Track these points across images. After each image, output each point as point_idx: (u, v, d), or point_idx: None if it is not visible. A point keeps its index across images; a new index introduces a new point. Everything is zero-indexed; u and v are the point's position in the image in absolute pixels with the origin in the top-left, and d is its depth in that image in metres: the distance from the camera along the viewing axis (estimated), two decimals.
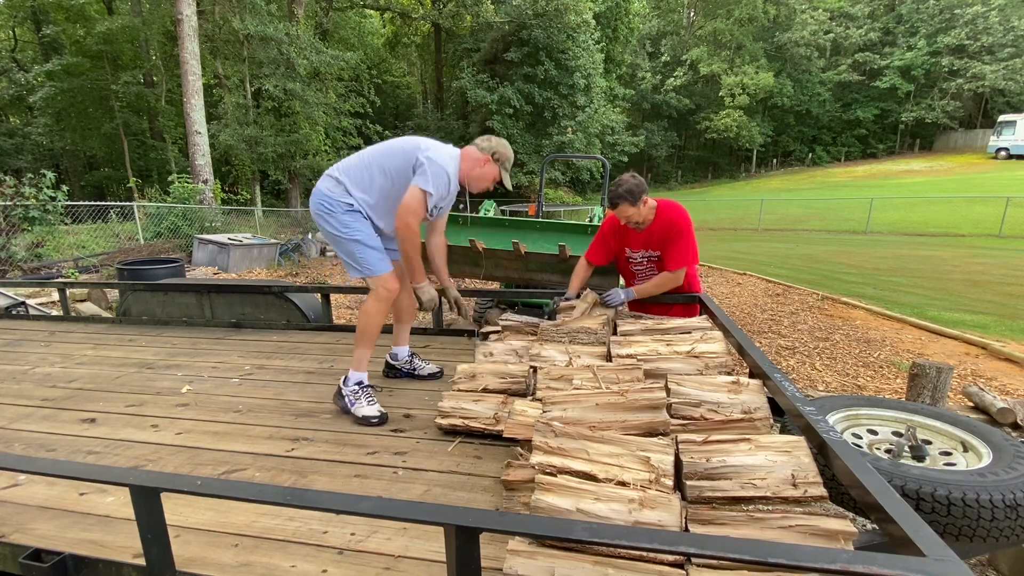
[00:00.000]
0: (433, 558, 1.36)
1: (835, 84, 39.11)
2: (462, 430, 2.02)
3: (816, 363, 5.22)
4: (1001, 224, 14.11)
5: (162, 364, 3.00)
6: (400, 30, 32.69)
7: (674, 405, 1.65)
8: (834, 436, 1.36)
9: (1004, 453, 1.79)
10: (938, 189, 22.71)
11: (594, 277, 4.08)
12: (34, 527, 1.53)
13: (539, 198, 6.45)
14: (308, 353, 3.12)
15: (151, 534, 1.21)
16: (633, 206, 2.64)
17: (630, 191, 2.61)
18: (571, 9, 23.34)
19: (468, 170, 2.34)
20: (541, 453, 1.37)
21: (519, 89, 24.45)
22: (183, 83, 12.88)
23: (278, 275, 10.61)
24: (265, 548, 1.42)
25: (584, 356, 2.13)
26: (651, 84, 41.09)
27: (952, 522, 1.55)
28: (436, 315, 3.47)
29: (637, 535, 0.92)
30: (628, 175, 2.70)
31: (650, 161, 42.90)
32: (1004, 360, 5.03)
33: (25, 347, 3.38)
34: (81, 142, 24.70)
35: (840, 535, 1.14)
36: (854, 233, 15.90)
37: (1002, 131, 30.53)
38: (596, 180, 28.41)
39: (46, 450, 2.03)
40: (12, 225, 8.09)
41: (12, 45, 28.32)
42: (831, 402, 2.26)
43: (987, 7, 33.71)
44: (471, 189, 2.40)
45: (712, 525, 1.21)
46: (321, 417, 2.26)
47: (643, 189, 2.66)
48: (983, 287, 8.22)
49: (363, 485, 1.74)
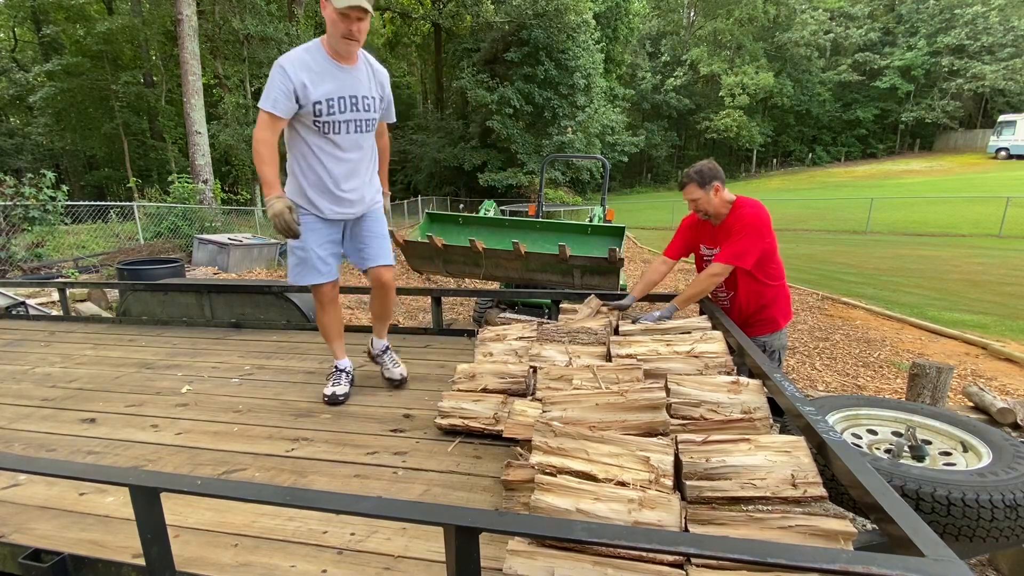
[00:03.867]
0: (433, 558, 1.36)
1: (835, 84, 39.13)
2: (462, 430, 2.02)
3: (816, 363, 5.22)
4: (1001, 224, 14.10)
5: (162, 364, 3.00)
6: (400, 30, 32.71)
7: (674, 405, 1.65)
8: (834, 436, 1.36)
9: (1004, 453, 1.79)
10: (938, 189, 22.70)
11: (595, 277, 4.10)
12: (34, 527, 1.53)
13: (539, 198, 6.45)
14: (308, 353, 3.12)
15: (151, 534, 1.21)
16: (700, 188, 2.51)
17: (699, 171, 2.52)
18: (571, 9, 23.36)
19: (327, 35, 2.05)
20: (541, 453, 1.37)
21: (519, 89, 24.47)
22: (183, 83, 12.88)
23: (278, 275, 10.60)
24: (265, 548, 1.42)
25: (584, 356, 2.13)
26: (651, 84, 41.11)
27: (952, 522, 1.55)
28: (436, 316, 3.47)
29: (637, 535, 0.92)
30: (706, 160, 2.62)
31: (650, 161, 42.90)
32: (1004, 360, 5.03)
33: (25, 347, 3.38)
34: (81, 142, 24.72)
35: (840, 535, 1.14)
36: (854, 233, 15.89)
37: (1002, 131, 30.54)
38: (596, 180, 28.41)
39: (46, 450, 2.03)
40: (12, 225, 8.08)
41: (12, 45, 28.33)
42: (831, 402, 2.26)
43: (987, 7, 33.72)
44: (340, 50, 2.03)
45: (712, 525, 1.21)
46: (321, 417, 2.26)
47: (715, 175, 2.52)
48: (983, 287, 8.21)
49: (363, 485, 1.74)
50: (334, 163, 2.17)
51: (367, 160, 2.30)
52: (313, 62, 2.03)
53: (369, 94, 2.16)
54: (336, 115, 2.09)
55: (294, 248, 2.28)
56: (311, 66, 2.02)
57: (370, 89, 2.17)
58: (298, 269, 2.31)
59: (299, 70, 1.99)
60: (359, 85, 2.13)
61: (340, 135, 2.13)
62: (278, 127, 2.06)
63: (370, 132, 2.24)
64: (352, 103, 2.11)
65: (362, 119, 2.17)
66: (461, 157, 26.90)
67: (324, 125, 2.09)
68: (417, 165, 29.92)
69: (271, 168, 2.03)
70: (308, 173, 2.19)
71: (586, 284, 4.09)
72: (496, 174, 25.77)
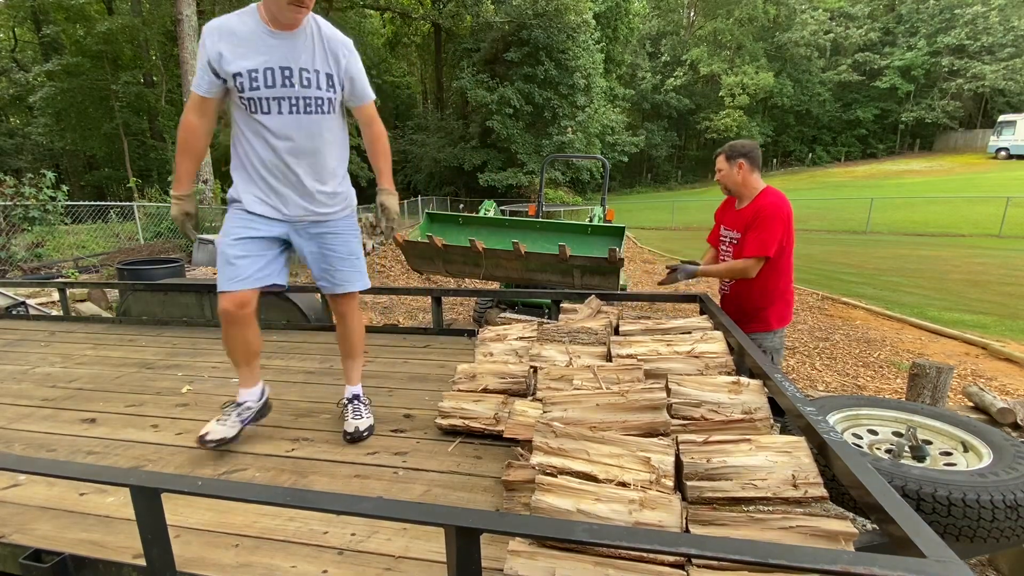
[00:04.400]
0: (434, 558, 1.36)
1: (835, 84, 39.13)
2: (462, 430, 2.02)
3: (816, 363, 5.22)
4: (1001, 224, 14.10)
5: (162, 364, 3.00)
6: (400, 30, 32.74)
7: (674, 405, 1.65)
8: (834, 436, 1.36)
9: (1004, 453, 1.79)
10: (938, 189, 22.71)
11: (595, 277, 4.10)
12: (34, 527, 1.53)
13: (539, 198, 6.45)
14: (308, 353, 3.12)
15: (151, 534, 1.21)
16: (726, 161, 2.59)
17: (732, 146, 2.61)
18: (571, 9, 23.37)
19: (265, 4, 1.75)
20: (541, 454, 1.37)
21: (519, 89, 24.49)
22: (183, 83, 12.89)
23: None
24: (265, 548, 1.42)
25: (584, 356, 2.13)
26: (651, 84, 41.12)
27: (952, 523, 1.55)
28: (436, 315, 3.47)
29: (637, 536, 0.92)
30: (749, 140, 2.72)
31: (650, 161, 42.91)
32: (1004, 360, 5.03)
33: (25, 347, 3.38)
34: (81, 142, 24.71)
35: (841, 536, 1.14)
36: (854, 233, 15.89)
37: (1002, 131, 30.53)
38: (596, 180, 28.42)
39: (46, 450, 2.03)
40: (12, 225, 8.08)
41: (12, 45, 28.32)
42: (831, 402, 2.26)
43: (987, 7, 33.71)
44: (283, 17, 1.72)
45: (712, 526, 1.21)
46: (321, 417, 2.26)
47: (744, 154, 2.56)
48: (983, 287, 8.21)
49: (363, 485, 1.74)
50: (265, 150, 1.82)
51: (321, 151, 1.89)
52: (241, 27, 1.73)
53: (311, 66, 1.79)
54: (261, 90, 1.74)
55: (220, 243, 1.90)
56: (236, 32, 1.72)
57: (313, 61, 1.79)
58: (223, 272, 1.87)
59: (219, 39, 1.71)
60: (297, 55, 1.76)
61: (270, 115, 1.78)
62: (203, 108, 1.79)
63: (320, 115, 1.84)
64: (285, 76, 1.75)
65: (299, 96, 1.78)
66: (461, 157, 26.91)
67: (249, 103, 1.76)
68: (417, 165, 29.93)
69: (186, 159, 1.77)
70: (240, 160, 1.89)
71: (586, 284, 4.09)
72: (496, 174, 25.78)
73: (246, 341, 1.95)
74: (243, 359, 1.98)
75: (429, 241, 4.29)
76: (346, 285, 2.03)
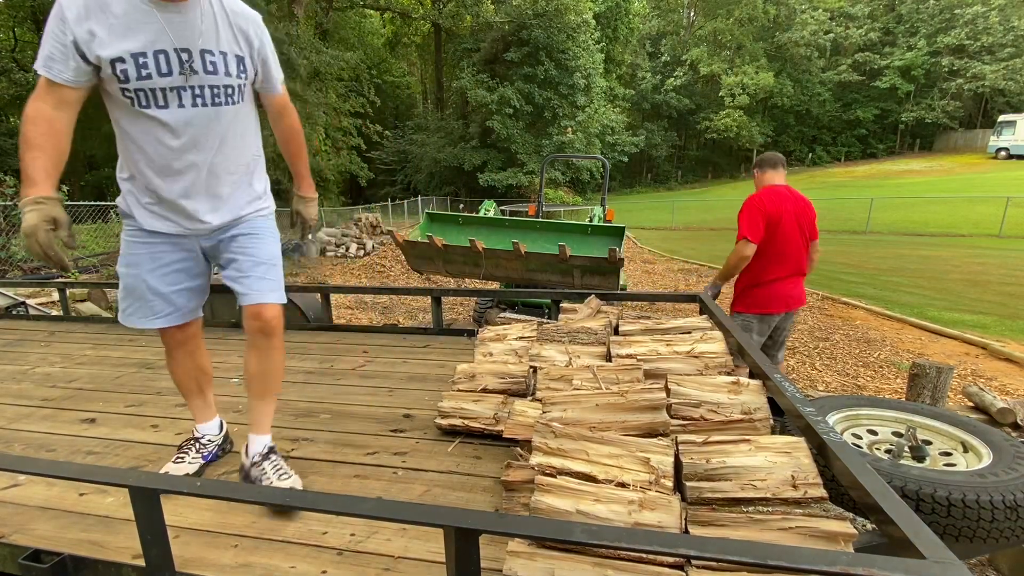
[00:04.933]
0: (433, 559, 1.36)
1: (835, 84, 39.13)
2: (462, 430, 2.02)
3: (816, 363, 5.22)
4: (1001, 224, 14.10)
5: (162, 364, 2.96)
6: (400, 30, 32.73)
7: (674, 406, 1.65)
8: (834, 437, 1.36)
9: (1004, 454, 1.79)
10: (938, 189, 22.71)
11: (595, 277, 4.10)
12: (34, 528, 1.53)
13: (539, 198, 6.46)
14: (308, 353, 3.12)
15: (150, 535, 1.21)
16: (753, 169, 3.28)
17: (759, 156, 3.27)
18: (571, 9, 23.39)
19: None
20: (541, 454, 1.37)
21: (519, 89, 24.50)
22: None
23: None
24: (265, 549, 1.42)
25: (584, 356, 2.13)
26: (651, 84, 41.13)
27: (952, 523, 1.55)
28: (436, 315, 3.47)
29: (637, 537, 0.92)
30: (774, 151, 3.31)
31: (650, 161, 42.91)
32: (1004, 360, 5.03)
33: (25, 347, 3.38)
34: (81, 142, 24.65)
35: (840, 537, 1.14)
36: (854, 233, 15.89)
37: (1002, 131, 30.53)
38: (596, 180, 28.43)
39: (46, 450, 2.03)
40: (12, 225, 8.08)
41: (12, 45, 28.31)
42: (831, 402, 2.26)
43: (987, 7, 33.71)
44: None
45: (712, 526, 1.21)
46: (321, 417, 2.26)
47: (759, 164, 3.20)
48: (983, 287, 8.21)
49: (363, 486, 1.74)
50: (160, 151, 1.47)
51: (233, 147, 1.57)
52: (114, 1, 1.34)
53: (215, 48, 1.45)
54: (154, 79, 1.39)
55: (119, 271, 1.60)
56: (109, 7, 1.33)
57: (217, 41, 1.46)
58: (125, 303, 1.62)
59: (85, 16, 1.32)
60: (194, 35, 1.41)
61: (167, 109, 1.43)
62: (62, 98, 1.37)
63: (227, 106, 1.51)
64: (183, 61, 1.40)
65: (204, 85, 1.45)
66: (461, 157, 26.92)
67: (137, 96, 1.40)
68: (417, 165, 29.93)
69: (36, 156, 1.33)
70: (128, 167, 1.53)
71: (586, 284, 4.09)
72: (496, 174, 25.79)
73: (197, 369, 1.77)
74: (195, 387, 1.79)
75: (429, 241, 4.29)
76: (268, 293, 1.63)
